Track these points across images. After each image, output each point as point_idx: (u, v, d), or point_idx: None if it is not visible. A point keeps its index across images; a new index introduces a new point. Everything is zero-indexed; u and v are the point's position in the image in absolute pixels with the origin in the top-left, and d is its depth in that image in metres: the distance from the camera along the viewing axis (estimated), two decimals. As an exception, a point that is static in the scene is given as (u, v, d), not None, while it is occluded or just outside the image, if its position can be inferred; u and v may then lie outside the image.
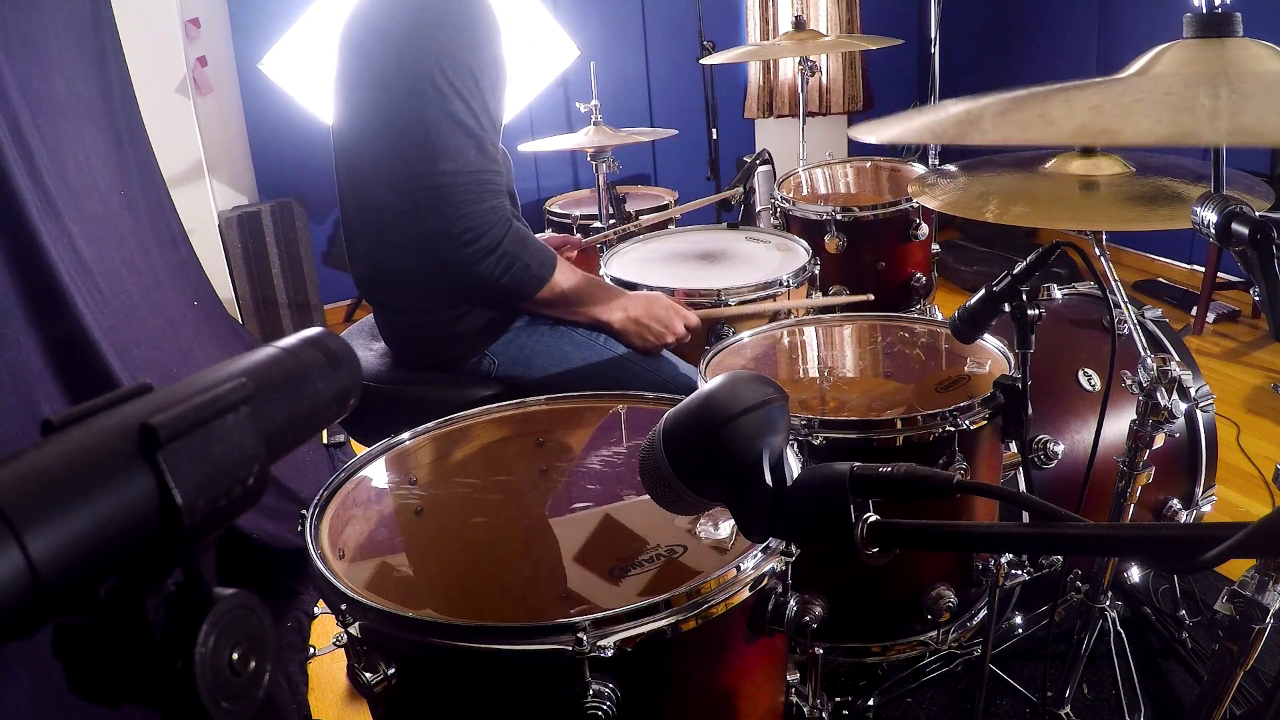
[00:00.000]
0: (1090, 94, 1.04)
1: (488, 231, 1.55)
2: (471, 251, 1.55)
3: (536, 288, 1.64)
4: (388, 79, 1.56)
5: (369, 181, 1.65)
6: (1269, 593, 0.94)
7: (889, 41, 3.05)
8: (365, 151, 1.65)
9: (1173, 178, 1.50)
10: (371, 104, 1.61)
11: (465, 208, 1.53)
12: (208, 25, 3.73)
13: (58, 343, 1.73)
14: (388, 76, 1.56)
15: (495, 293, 1.64)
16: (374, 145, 1.62)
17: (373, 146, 1.63)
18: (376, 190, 1.64)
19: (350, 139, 1.68)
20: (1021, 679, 1.78)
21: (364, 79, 1.62)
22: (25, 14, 2.00)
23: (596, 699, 0.89)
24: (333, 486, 1.21)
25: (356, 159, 1.68)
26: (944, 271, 3.91)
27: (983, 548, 1.41)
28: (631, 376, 1.75)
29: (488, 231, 1.55)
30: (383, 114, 1.58)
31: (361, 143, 1.66)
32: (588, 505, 1.22)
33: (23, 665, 1.32)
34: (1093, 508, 1.67)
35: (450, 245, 1.55)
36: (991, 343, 1.67)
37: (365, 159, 1.65)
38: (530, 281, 1.63)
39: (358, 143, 1.67)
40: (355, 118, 1.66)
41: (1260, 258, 0.84)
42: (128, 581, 0.42)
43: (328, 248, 4.32)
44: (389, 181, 1.61)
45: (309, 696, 1.97)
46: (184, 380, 0.46)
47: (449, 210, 1.53)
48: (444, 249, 1.57)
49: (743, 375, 0.75)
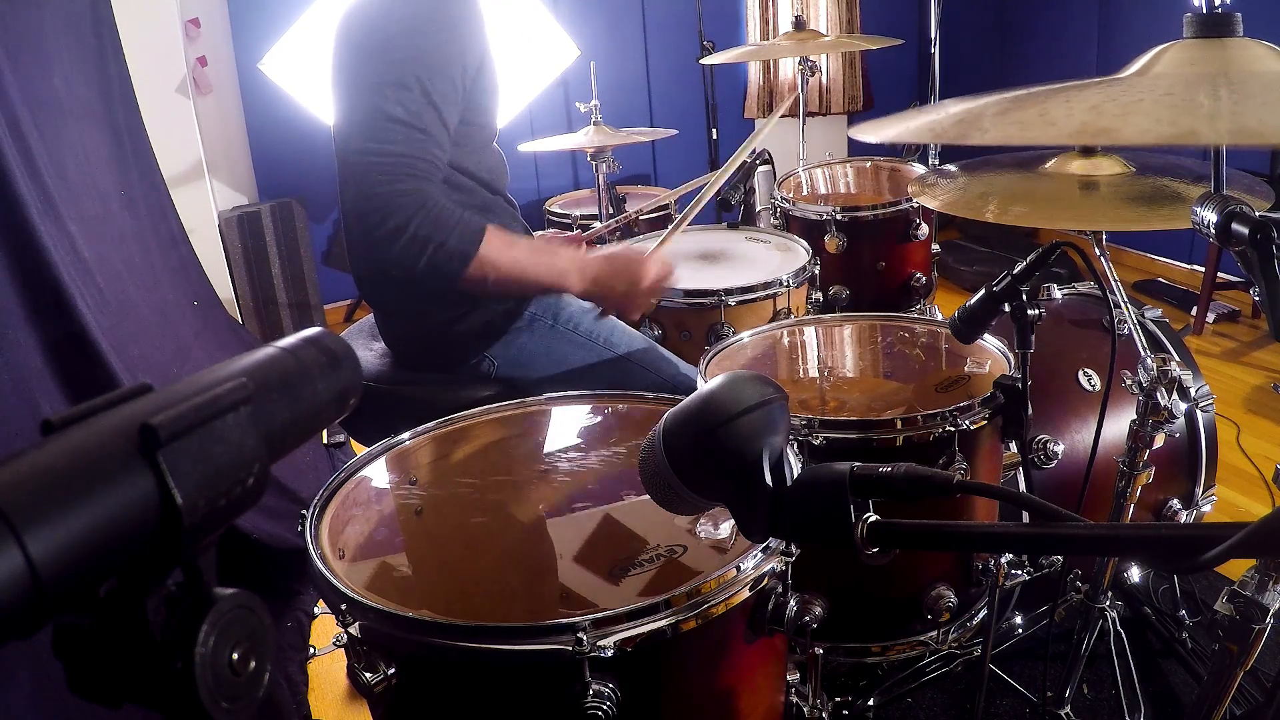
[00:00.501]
0: (1090, 94, 1.04)
1: (394, 213, 1.46)
2: (380, 235, 1.47)
3: (462, 266, 1.51)
4: (363, 71, 1.55)
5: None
6: (1269, 593, 0.94)
7: (889, 41, 3.05)
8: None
9: (1173, 178, 1.50)
10: (351, 99, 1.61)
11: (375, 188, 1.46)
12: (208, 25, 3.73)
13: (58, 343, 1.73)
14: (367, 70, 1.55)
15: (425, 278, 1.54)
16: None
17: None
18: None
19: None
20: (1021, 679, 1.78)
21: (348, 74, 1.62)
22: (25, 14, 2.00)
23: (596, 699, 0.89)
24: (333, 486, 1.21)
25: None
26: (944, 271, 3.91)
27: (983, 548, 1.41)
28: (631, 377, 1.74)
29: (394, 213, 1.46)
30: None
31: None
32: (588, 505, 1.22)
33: (23, 665, 1.32)
34: (1093, 508, 1.67)
35: (360, 228, 1.50)
36: (991, 343, 1.67)
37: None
38: (453, 260, 1.50)
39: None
40: (341, 114, 1.66)
41: (1260, 258, 0.84)
42: (128, 581, 0.42)
43: (328, 248, 4.32)
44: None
45: (309, 696, 1.97)
46: (184, 380, 0.46)
47: (358, 189, 1.47)
48: (355, 233, 1.52)
49: (743, 375, 0.75)
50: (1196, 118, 0.80)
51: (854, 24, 4.90)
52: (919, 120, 1.23)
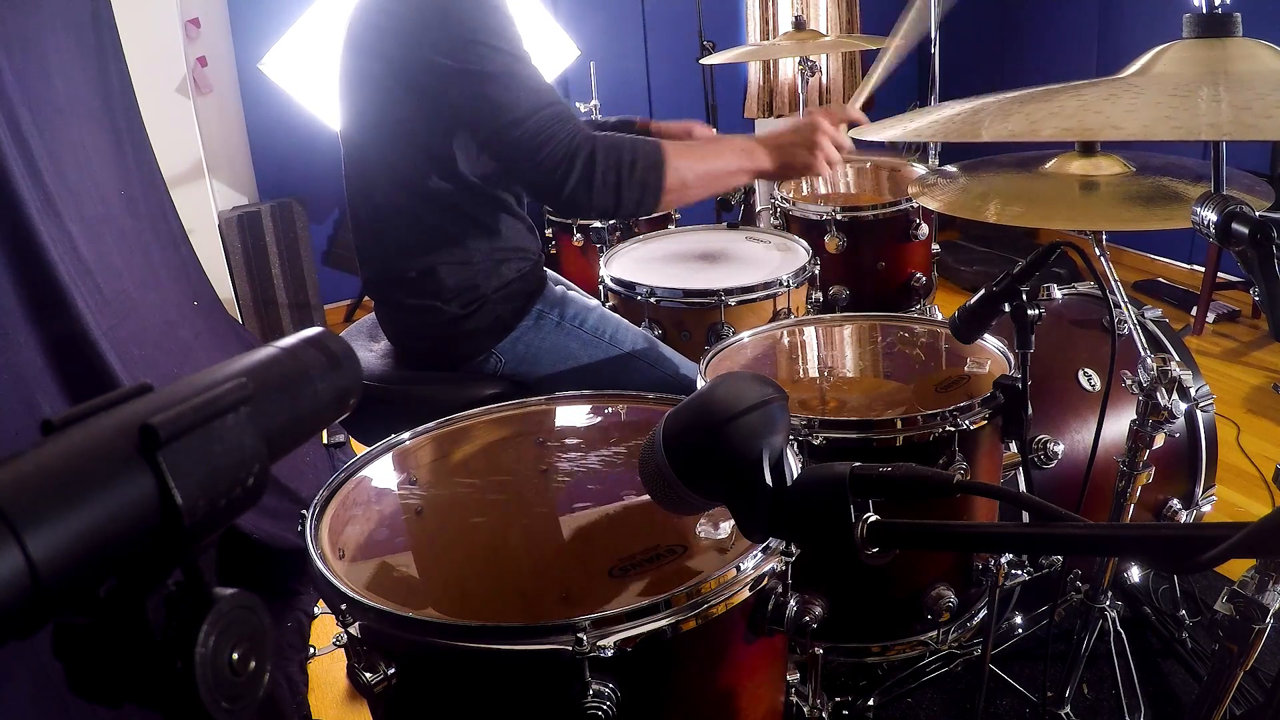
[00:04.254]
0: (1090, 94, 1.04)
1: (576, 154, 1.45)
2: (575, 185, 1.45)
3: (659, 178, 1.50)
4: (392, 75, 1.55)
5: (378, 183, 1.65)
6: (1269, 593, 0.94)
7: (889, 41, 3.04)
8: (373, 154, 1.65)
9: (1172, 178, 1.50)
10: (375, 104, 1.61)
11: (545, 146, 1.45)
12: (208, 25, 3.73)
13: (58, 343, 1.73)
14: (393, 72, 1.54)
15: (628, 212, 1.52)
16: (381, 146, 1.62)
17: (380, 148, 1.62)
18: (386, 191, 1.63)
19: (358, 142, 1.68)
20: (1021, 679, 1.78)
21: (367, 78, 1.62)
22: (25, 14, 2.00)
23: (596, 699, 0.89)
24: (333, 486, 1.21)
25: (365, 162, 1.68)
26: (944, 271, 3.91)
27: (983, 548, 1.41)
28: (635, 375, 1.75)
29: (576, 154, 1.45)
30: (388, 113, 1.58)
31: (368, 145, 1.65)
32: (588, 505, 1.22)
33: (23, 665, 1.32)
34: (1093, 508, 1.67)
35: (557, 195, 1.47)
36: (991, 343, 1.67)
37: (374, 161, 1.65)
38: (650, 176, 1.49)
39: (363, 145, 1.66)
40: (361, 119, 1.66)
41: (1260, 258, 0.84)
42: (128, 581, 0.42)
43: (328, 248, 4.32)
44: (397, 181, 1.61)
45: (309, 696, 1.97)
46: (184, 380, 0.46)
47: (532, 156, 1.45)
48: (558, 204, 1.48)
49: (743, 375, 0.75)
50: (1196, 116, 0.80)
51: (854, 24, 4.90)
52: (919, 120, 1.23)
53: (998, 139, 1.00)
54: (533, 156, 1.46)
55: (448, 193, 1.61)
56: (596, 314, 1.80)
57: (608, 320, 1.81)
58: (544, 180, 1.47)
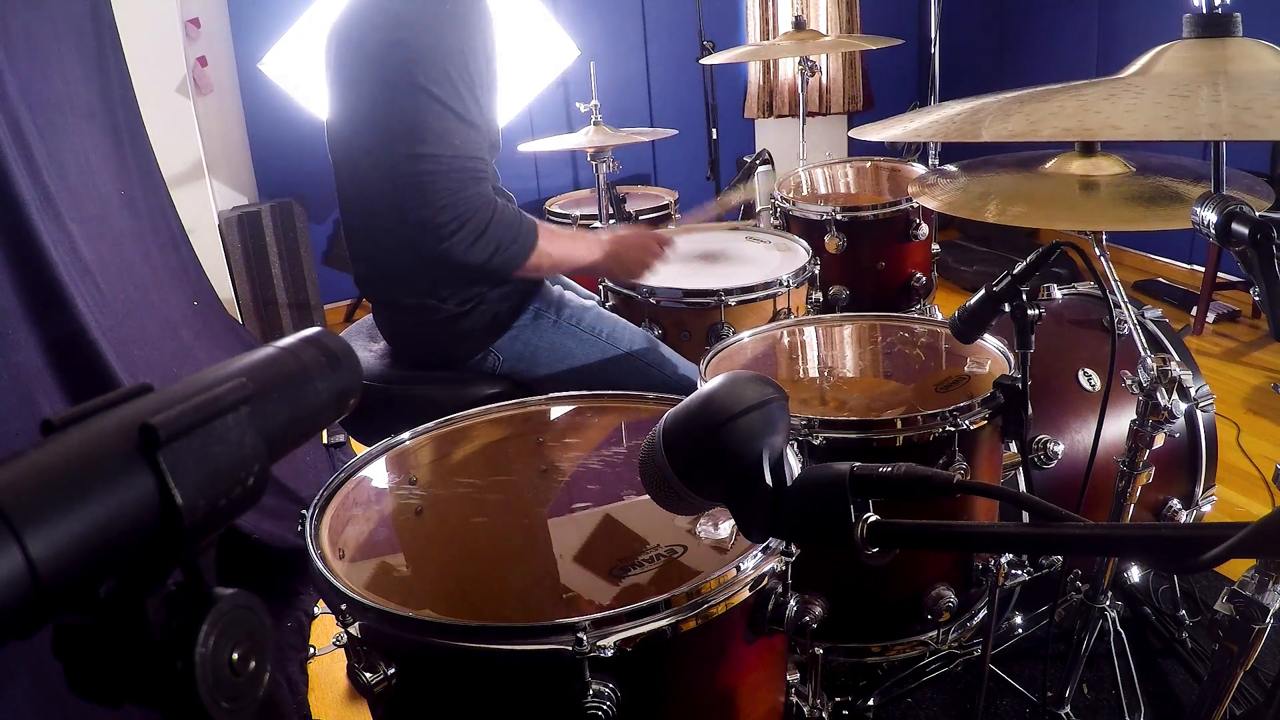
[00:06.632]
0: (1090, 94, 1.04)
1: (471, 218, 1.54)
2: (456, 240, 1.54)
3: (524, 258, 1.63)
4: (375, 71, 1.55)
5: (366, 178, 1.64)
6: (1269, 593, 0.94)
7: (889, 41, 3.05)
8: (360, 147, 1.65)
9: (1173, 178, 1.50)
10: (362, 98, 1.61)
11: (448, 196, 1.52)
12: (208, 25, 3.73)
13: (58, 343, 1.73)
14: (375, 68, 1.55)
15: (482, 273, 1.64)
16: (367, 140, 1.62)
17: (366, 141, 1.62)
18: (374, 186, 1.63)
19: (344, 135, 1.68)
20: (1021, 679, 1.78)
21: (354, 73, 1.62)
22: (25, 14, 2.00)
23: (596, 699, 0.89)
24: (333, 486, 1.21)
25: (353, 156, 1.68)
26: (944, 271, 3.91)
27: (983, 548, 1.41)
28: (633, 374, 1.75)
29: (471, 218, 1.54)
30: (372, 106, 1.58)
31: (355, 139, 1.65)
32: (588, 505, 1.22)
33: (23, 665, 1.32)
34: (1093, 508, 1.67)
35: (434, 236, 1.54)
36: (991, 343, 1.67)
37: (360, 155, 1.65)
38: (519, 255, 1.63)
39: (350, 139, 1.67)
40: (347, 112, 1.66)
41: (1260, 258, 0.84)
42: (128, 581, 0.42)
43: (328, 248, 4.32)
44: (384, 175, 1.61)
45: (309, 696, 1.97)
46: (184, 380, 0.46)
47: (432, 200, 1.51)
48: (427, 239, 1.55)
49: (743, 375, 0.75)
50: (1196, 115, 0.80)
51: (854, 24, 4.90)
52: (919, 120, 1.23)
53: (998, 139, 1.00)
54: (431, 199, 1.52)
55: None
56: (593, 313, 1.81)
57: (604, 319, 1.81)
58: (428, 220, 1.53)
